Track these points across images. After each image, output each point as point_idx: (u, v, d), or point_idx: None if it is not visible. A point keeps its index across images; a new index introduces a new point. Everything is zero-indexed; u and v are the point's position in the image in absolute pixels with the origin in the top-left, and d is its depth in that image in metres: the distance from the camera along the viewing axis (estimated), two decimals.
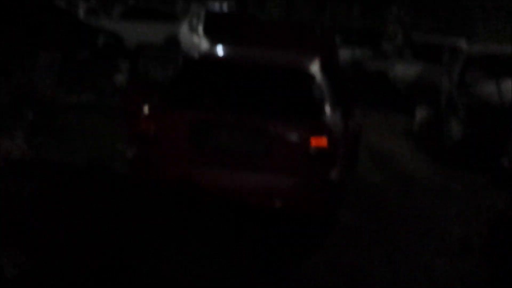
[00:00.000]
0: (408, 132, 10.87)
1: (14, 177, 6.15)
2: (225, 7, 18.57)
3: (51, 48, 12.57)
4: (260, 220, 5.78)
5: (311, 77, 5.87)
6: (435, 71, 12.09)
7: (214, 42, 12.92)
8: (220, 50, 6.52)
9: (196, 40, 14.77)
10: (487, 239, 5.69)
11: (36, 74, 11.41)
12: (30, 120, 8.02)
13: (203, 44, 14.23)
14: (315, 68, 6.01)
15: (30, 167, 6.59)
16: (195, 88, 5.82)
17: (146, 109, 5.63)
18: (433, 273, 5.14)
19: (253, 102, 5.61)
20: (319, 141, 5.35)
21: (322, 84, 5.84)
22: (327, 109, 5.68)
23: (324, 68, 6.23)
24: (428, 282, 4.99)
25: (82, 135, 8.07)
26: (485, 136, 8.89)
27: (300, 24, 12.69)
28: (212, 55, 6.50)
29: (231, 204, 5.66)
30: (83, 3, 19.66)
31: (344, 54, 15.92)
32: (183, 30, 15.76)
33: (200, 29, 14.83)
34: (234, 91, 5.75)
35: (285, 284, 4.76)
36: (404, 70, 13.59)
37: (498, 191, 7.44)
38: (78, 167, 6.84)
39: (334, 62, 7.17)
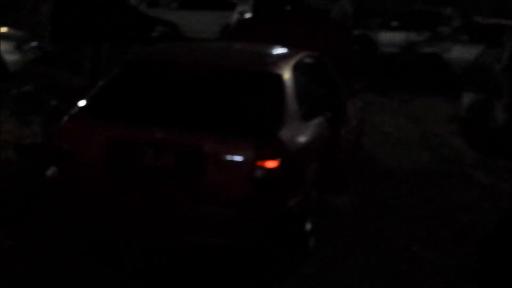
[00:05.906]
0: (455, 117, 10.28)
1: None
2: None
3: (102, 39, 12.84)
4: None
5: (269, 81, 4.64)
6: (492, 54, 11.43)
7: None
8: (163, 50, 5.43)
9: None
10: (486, 233, 5.21)
11: (84, 64, 11.70)
12: (52, 107, 8.14)
13: None
14: (277, 68, 4.78)
15: (33, 152, 6.66)
16: (124, 95, 4.65)
17: (64, 119, 4.56)
18: (419, 265, 4.78)
19: (191, 114, 4.43)
20: (268, 164, 4.18)
21: (287, 88, 4.61)
22: (288, 120, 4.46)
23: (296, 67, 4.95)
24: (409, 274, 4.64)
25: None
26: None
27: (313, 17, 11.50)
28: (152, 55, 5.26)
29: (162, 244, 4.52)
30: None
31: (399, 37, 15.44)
32: (234, 18, 15.64)
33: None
34: (170, 100, 4.57)
35: None
36: (461, 53, 12.97)
37: None
38: None
39: (321, 59, 5.75)
